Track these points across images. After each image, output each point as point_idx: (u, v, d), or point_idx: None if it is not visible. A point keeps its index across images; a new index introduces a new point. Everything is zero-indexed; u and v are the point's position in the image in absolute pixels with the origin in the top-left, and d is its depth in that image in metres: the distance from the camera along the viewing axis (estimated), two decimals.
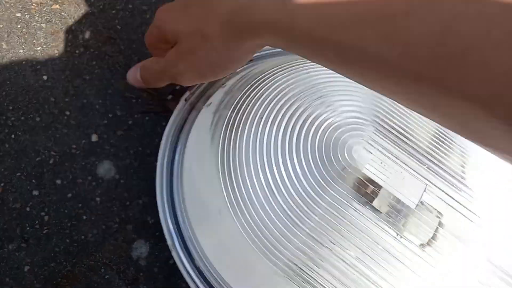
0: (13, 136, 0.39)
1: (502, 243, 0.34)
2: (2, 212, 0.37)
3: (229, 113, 0.34)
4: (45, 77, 0.42)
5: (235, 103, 0.35)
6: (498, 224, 0.34)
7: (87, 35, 0.45)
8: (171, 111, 0.43)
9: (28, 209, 0.38)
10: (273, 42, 0.27)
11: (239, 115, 0.34)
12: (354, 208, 0.32)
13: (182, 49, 0.31)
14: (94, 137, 0.42)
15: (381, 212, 0.32)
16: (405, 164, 0.34)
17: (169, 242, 0.36)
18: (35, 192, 0.39)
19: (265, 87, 0.34)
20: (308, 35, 0.24)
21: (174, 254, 0.36)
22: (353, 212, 0.32)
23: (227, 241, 0.34)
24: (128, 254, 0.40)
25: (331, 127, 0.34)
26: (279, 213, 0.32)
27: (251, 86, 0.35)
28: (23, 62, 0.42)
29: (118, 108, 0.43)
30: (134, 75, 0.35)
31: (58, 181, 0.40)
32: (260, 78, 0.36)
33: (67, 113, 0.42)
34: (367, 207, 0.32)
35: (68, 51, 0.44)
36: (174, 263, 0.41)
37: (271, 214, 0.32)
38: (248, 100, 0.34)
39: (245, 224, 0.33)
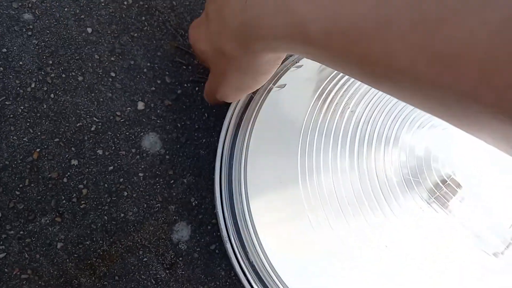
0: (52, 95, 0.35)
1: None
2: (36, 181, 0.33)
3: (316, 97, 0.30)
4: (89, 30, 0.37)
5: (320, 90, 0.30)
6: None
7: None
8: None
9: (65, 180, 0.34)
10: (291, 52, 0.25)
11: (328, 101, 0.30)
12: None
13: (213, 71, 0.31)
14: (140, 105, 0.37)
15: None
16: None
17: (223, 233, 0.32)
18: (74, 162, 0.35)
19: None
20: (324, 47, 0.21)
21: (228, 247, 0.32)
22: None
23: (294, 237, 0.31)
24: (169, 236, 0.37)
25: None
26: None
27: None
28: (65, 9, 0.36)
29: (167, 74, 0.39)
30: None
31: (100, 151, 0.35)
32: None
33: (112, 74, 0.37)
34: None
35: (115, 1, 0.38)
36: (215, 249, 0.38)
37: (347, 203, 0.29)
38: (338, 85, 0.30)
39: (317, 217, 0.29)
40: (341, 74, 0.32)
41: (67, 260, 0.34)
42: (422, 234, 0.29)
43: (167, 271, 0.36)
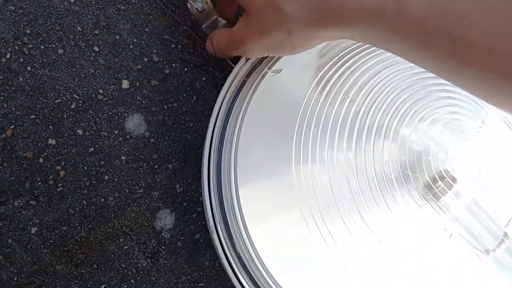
0: (29, 68, 0.32)
1: None
2: (9, 160, 0.31)
3: (314, 84, 0.29)
4: None
5: (319, 77, 0.29)
6: None
7: None
8: (211, 65, 0.38)
9: (41, 160, 0.32)
10: (360, 33, 0.24)
11: (326, 89, 0.29)
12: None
13: (253, 22, 0.29)
14: (125, 84, 0.35)
15: None
16: None
17: (210, 223, 0.31)
18: (51, 141, 0.32)
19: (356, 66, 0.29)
20: (418, 25, 0.21)
21: (214, 237, 0.31)
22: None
23: (284, 230, 0.30)
24: (151, 224, 0.35)
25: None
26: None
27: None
28: None
29: (155, 52, 0.36)
30: (208, 43, 0.34)
31: (79, 131, 0.33)
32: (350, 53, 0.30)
33: (96, 49, 0.34)
34: None
35: None
36: (200, 238, 0.37)
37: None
38: (336, 75, 0.29)
39: (311, 210, 0.28)
40: (342, 61, 0.30)
41: (42, 246, 0.31)
42: (417, 229, 0.29)
43: (149, 260, 0.35)
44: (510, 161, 0.33)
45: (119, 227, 0.34)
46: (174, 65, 0.37)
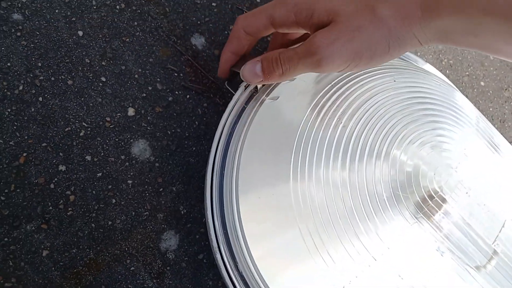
0: (40, 99, 0.34)
1: None
2: (22, 186, 0.32)
3: (309, 110, 0.31)
4: (80, 33, 0.36)
5: (314, 103, 0.31)
6: None
7: None
8: (212, 91, 0.40)
9: (52, 186, 0.33)
10: (463, 23, 0.25)
11: (321, 114, 0.31)
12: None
13: (338, 25, 0.27)
14: (130, 111, 0.37)
15: None
16: None
17: (213, 243, 0.32)
18: (62, 167, 0.34)
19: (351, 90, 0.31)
20: None
21: (217, 257, 0.32)
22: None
23: (285, 248, 0.31)
24: (156, 245, 0.36)
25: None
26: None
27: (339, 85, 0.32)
28: (56, 11, 0.35)
29: (159, 81, 0.38)
30: (252, 68, 0.31)
31: (88, 157, 0.35)
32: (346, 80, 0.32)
33: (103, 79, 0.36)
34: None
35: (107, 5, 0.38)
36: (203, 258, 0.38)
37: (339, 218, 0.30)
38: (331, 100, 0.31)
39: (309, 229, 0.30)
40: (335, 88, 0.32)
41: (53, 268, 0.33)
42: (410, 247, 0.30)
43: (155, 281, 0.36)
44: (495, 181, 0.34)
45: (126, 248, 0.35)
46: (177, 92, 0.39)
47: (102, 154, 0.35)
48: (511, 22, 0.23)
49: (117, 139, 0.36)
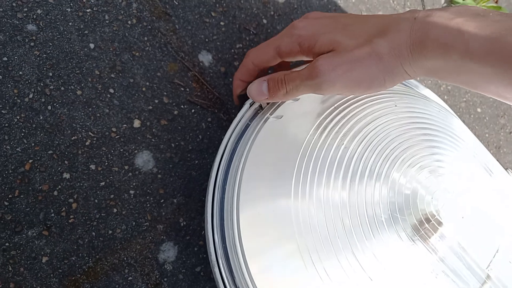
0: (49, 107, 0.35)
1: None
2: (26, 192, 0.33)
3: (312, 131, 0.32)
4: (92, 46, 0.37)
5: (316, 124, 0.32)
6: None
7: (141, 5, 0.40)
8: (217, 107, 0.41)
9: (55, 193, 0.34)
10: (453, 62, 0.27)
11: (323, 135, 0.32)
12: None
13: (340, 54, 0.30)
14: (136, 123, 0.38)
15: None
16: None
17: (212, 257, 0.33)
18: (66, 175, 0.34)
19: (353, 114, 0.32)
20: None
21: (215, 271, 0.33)
22: None
23: (283, 265, 0.31)
24: (155, 256, 0.37)
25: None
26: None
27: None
28: (70, 23, 0.37)
29: (165, 95, 0.39)
30: (258, 87, 0.33)
31: (92, 166, 0.35)
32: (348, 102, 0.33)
33: (111, 91, 0.37)
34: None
35: (120, 20, 0.39)
36: (200, 271, 0.39)
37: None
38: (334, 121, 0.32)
39: (307, 246, 0.30)
40: (339, 110, 0.33)
41: (51, 275, 0.33)
42: (406, 268, 0.31)
43: None
44: (490, 206, 0.35)
45: (125, 258, 0.36)
46: (182, 106, 0.40)
47: (106, 163, 0.36)
48: (486, 64, 0.25)
49: (121, 150, 0.37)
